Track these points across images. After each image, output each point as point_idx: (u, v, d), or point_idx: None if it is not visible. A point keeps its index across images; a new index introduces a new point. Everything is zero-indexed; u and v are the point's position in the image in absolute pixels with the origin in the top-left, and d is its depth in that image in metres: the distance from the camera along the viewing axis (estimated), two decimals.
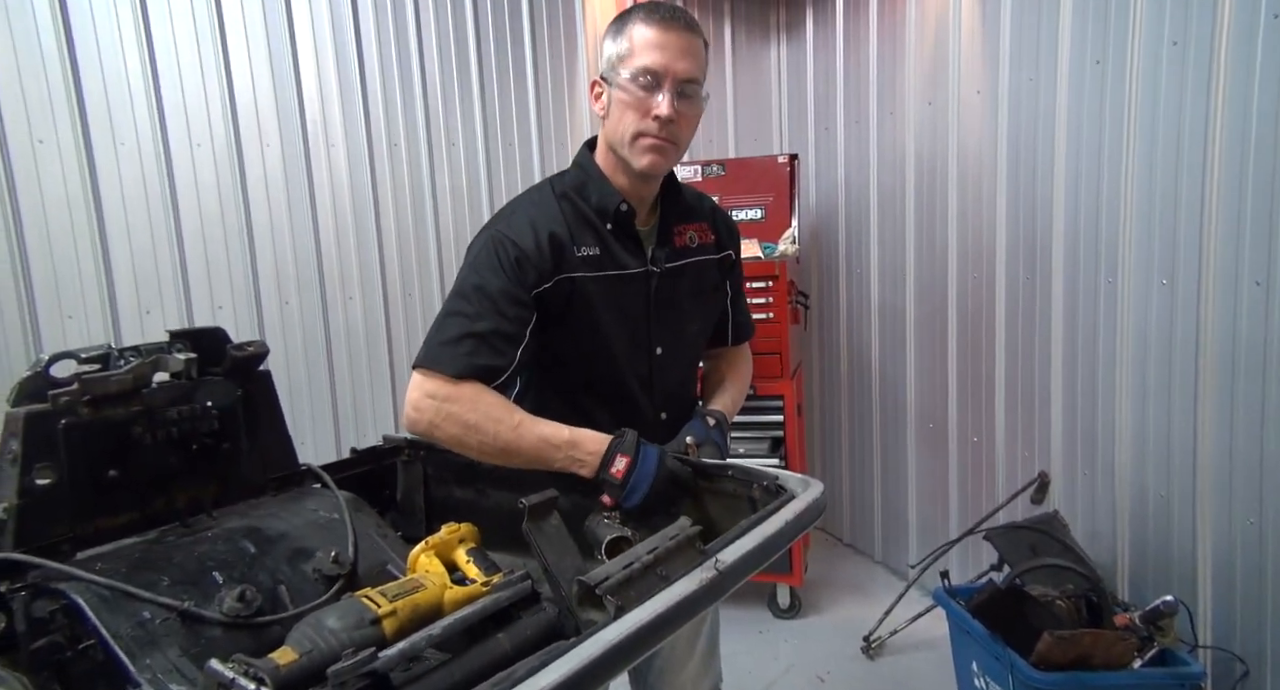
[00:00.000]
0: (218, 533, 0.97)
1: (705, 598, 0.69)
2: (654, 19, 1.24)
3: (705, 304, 1.45)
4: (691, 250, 1.40)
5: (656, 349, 1.36)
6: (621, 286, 1.31)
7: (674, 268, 1.36)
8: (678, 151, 1.30)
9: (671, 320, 1.37)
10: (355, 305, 2.91)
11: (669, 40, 1.23)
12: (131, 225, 2.51)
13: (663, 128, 1.25)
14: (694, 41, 1.26)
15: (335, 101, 2.79)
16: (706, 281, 1.43)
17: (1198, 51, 1.83)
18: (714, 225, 1.45)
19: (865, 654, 2.61)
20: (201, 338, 1.05)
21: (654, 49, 1.23)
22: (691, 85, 1.26)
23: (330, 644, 0.79)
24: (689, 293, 1.39)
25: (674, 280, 1.36)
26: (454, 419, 1.15)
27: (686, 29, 1.25)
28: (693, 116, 1.29)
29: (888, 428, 3.19)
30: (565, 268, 1.26)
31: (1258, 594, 1.82)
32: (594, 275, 1.28)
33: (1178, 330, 1.96)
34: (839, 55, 3.21)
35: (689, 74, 1.25)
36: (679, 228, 1.39)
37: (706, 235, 1.43)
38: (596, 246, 1.29)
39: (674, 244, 1.37)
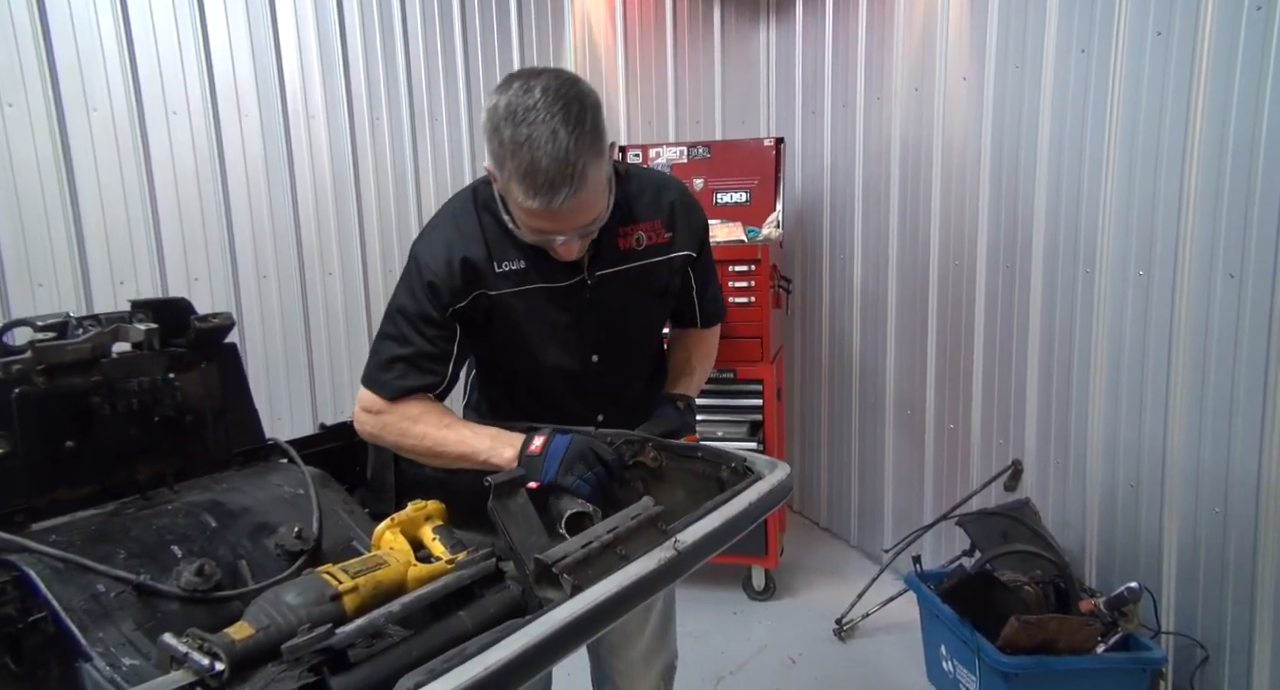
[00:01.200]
0: (178, 506, 0.96)
1: (664, 577, 0.69)
2: (535, 195, 1.06)
3: (650, 307, 1.38)
4: (637, 253, 1.31)
5: (592, 357, 1.32)
6: (549, 298, 1.27)
7: (611, 274, 1.29)
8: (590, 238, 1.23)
9: (609, 327, 1.32)
10: (334, 281, 2.88)
11: (560, 213, 1.09)
12: (105, 194, 2.46)
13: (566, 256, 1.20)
14: (587, 194, 1.09)
15: (316, 72, 2.74)
16: (653, 284, 1.35)
17: (1181, 42, 1.83)
18: (670, 222, 1.34)
19: (837, 636, 2.64)
20: (164, 308, 1.03)
21: (544, 219, 1.11)
22: (595, 224, 1.16)
23: (288, 620, 0.78)
24: (631, 297, 1.32)
25: (613, 286, 1.30)
26: (389, 430, 1.24)
27: (575, 193, 1.06)
28: (597, 226, 1.18)
29: (866, 413, 3.20)
30: (481, 285, 1.24)
31: (1219, 582, 1.85)
32: (515, 290, 1.25)
33: (1152, 322, 1.97)
34: (828, 39, 3.19)
35: (588, 224, 1.14)
36: (623, 230, 1.29)
37: (659, 235, 1.33)
38: (520, 260, 1.25)
39: (617, 247, 1.29)
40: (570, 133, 1.03)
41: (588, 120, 1.06)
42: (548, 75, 1.08)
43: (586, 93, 1.09)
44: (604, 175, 1.12)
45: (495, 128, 1.06)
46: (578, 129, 1.04)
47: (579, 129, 1.04)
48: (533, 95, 1.05)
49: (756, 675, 2.48)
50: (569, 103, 1.05)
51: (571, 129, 1.04)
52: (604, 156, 1.10)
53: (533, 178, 1.05)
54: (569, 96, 1.06)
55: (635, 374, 1.43)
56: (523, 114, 1.04)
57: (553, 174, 1.04)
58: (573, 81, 1.09)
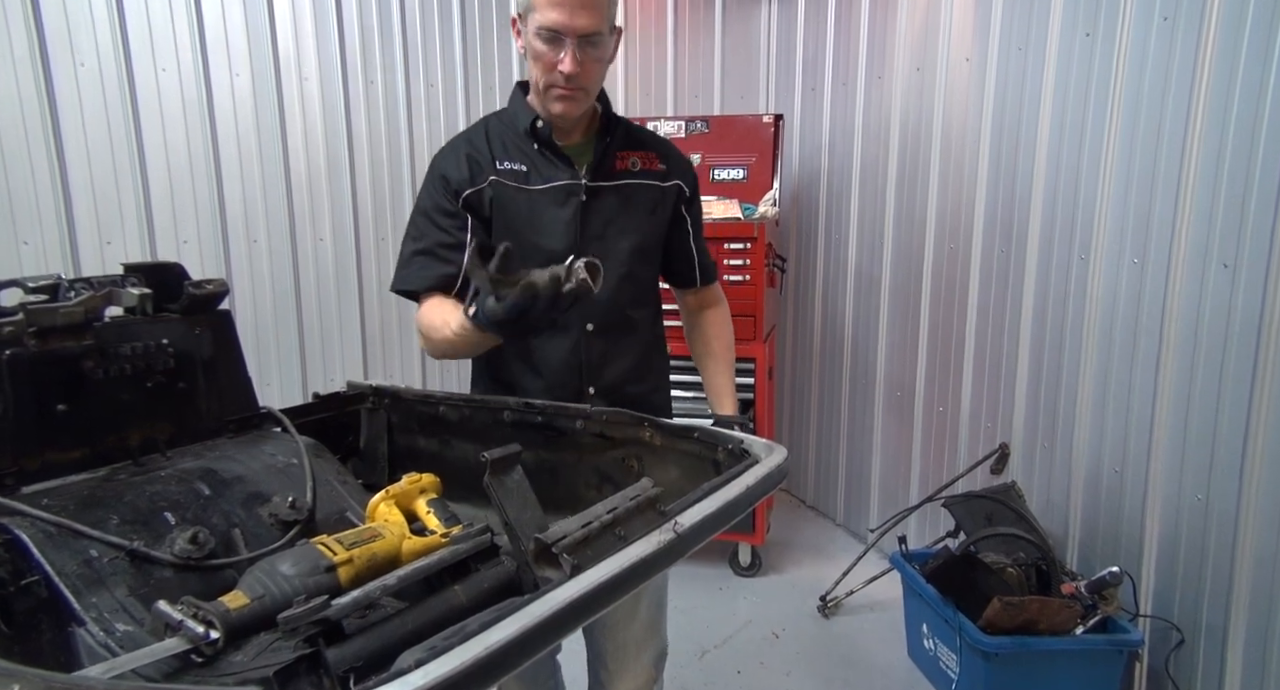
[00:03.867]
0: (171, 473, 0.95)
1: (662, 559, 0.69)
2: None
3: (642, 224, 1.47)
4: (631, 173, 1.46)
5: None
6: (548, 198, 1.40)
7: (606, 185, 1.43)
8: (587, 96, 1.38)
9: (601, 233, 1.43)
10: (326, 246, 2.85)
11: (569, 2, 1.26)
12: (92, 152, 2.42)
13: (568, 80, 1.32)
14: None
15: (309, 33, 2.68)
16: (645, 201, 1.47)
17: (1187, 28, 1.82)
18: (664, 158, 1.50)
19: (821, 613, 2.68)
20: (158, 273, 1.01)
21: (552, 8, 1.27)
22: (594, 37, 1.30)
23: (283, 590, 0.78)
24: (623, 211, 1.44)
25: (607, 197, 1.43)
26: (423, 334, 1.38)
27: None
28: (599, 64, 1.35)
29: (856, 393, 3.22)
30: (485, 176, 1.39)
31: (1198, 567, 1.88)
32: (515, 185, 1.40)
33: (1144, 310, 1.98)
34: (830, 15, 3.15)
35: (589, 28, 1.29)
36: (621, 153, 1.46)
37: (653, 163, 1.48)
38: (522, 164, 1.41)
39: (614, 167, 1.44)
40: None
41: None
42: None
43: None
44: (609, 6, 1.31)
45: None
46: None
47: None
48: None
49: (740, 649, 2.52)
50: None
51: None
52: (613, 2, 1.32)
53: None
54: None
55: (622, 292, 1.45)
56: None
57: None
58: None
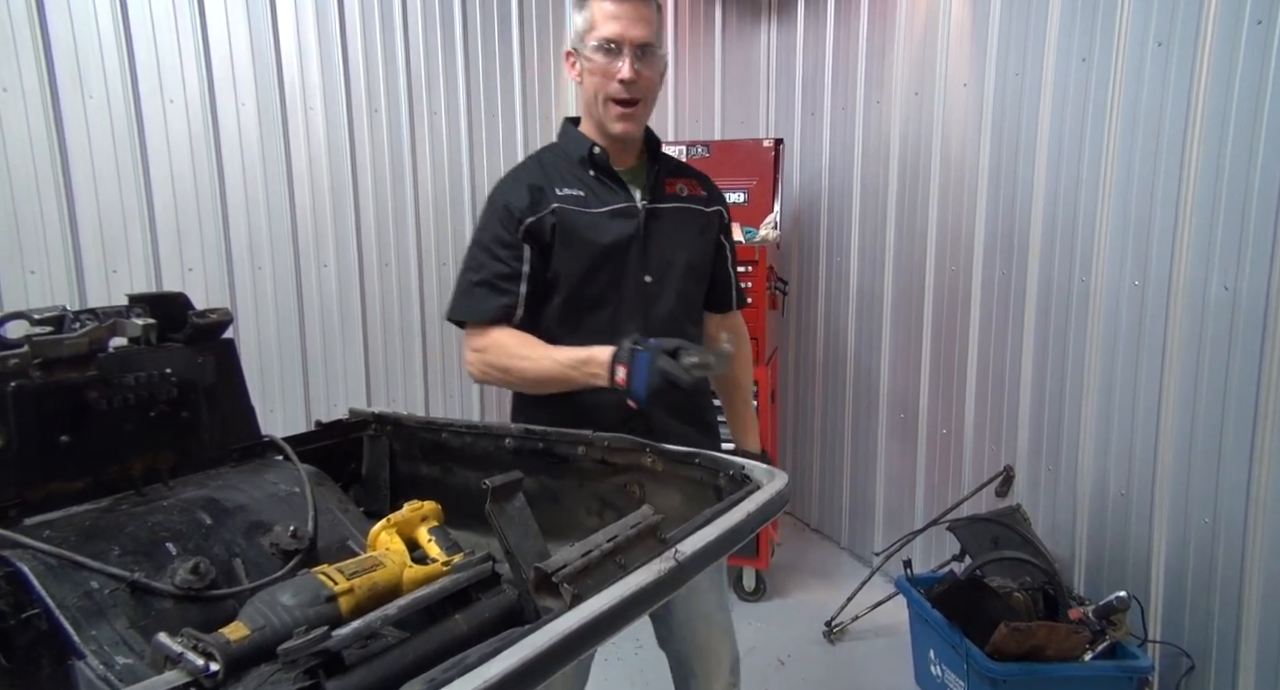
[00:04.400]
0: (173, 503, 0.95)
1: (663, 588, 0.69)
2: None
3: (694, 244, 1.56)
4: (681, 198, 1.56)
5: (645, 277, 1.48)
6: (608, 220, 1.47)
7: (662, 207, 1.52)
8: (645, 109, 1.47)
9: (661, 252, 1.50)
10: (330, 273, 2.86)
11: (623, 10, 1.39)
12: (99, 181, 2.44)
13: (627, 89, 1.42)
14: (646, 8, 1.41)
15: (315, 63, 2.72)
16: (694, 224, 1.56)
17: (1181, 54, 1.84)
18: (703, 184, 1.61)
19: (826, 638, 2.65)
20: (162, 303, 1.02)
21: (611, 20, 1.39)
22: (648, 47, 1.42)
23: (284, 620, 0.78)
24: (678, 231, 1.53)
25: (663, 218, 1.51)
26: (493, 366, 1.44)
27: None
28: (653, 75, 1.45)
29: (859, 416, 3.21)
30: (546, 204, 1.45)
31: (1207, 592, 1.86)
32: (576, 209, 1.46)
33: (1146, 332, 1.98)
34: (829, 41, 3.19)
35: (644, 38, 1.40)
36: (669, 179, 1.56)
37: (696, 190, 1.59)
38: (580, 190, 1.47)
39: (664, 191, 1.54)
40: None
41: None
42: None
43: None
44: (660, 26, 1.44)
45: None
46: None
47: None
48: None
49: (745, 676, 2.46)
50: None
51: None
52: (661, 15, 1.45)
53: None
54: None
55: (680, 308, 1.53)
56: None
57: None
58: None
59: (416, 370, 3.05)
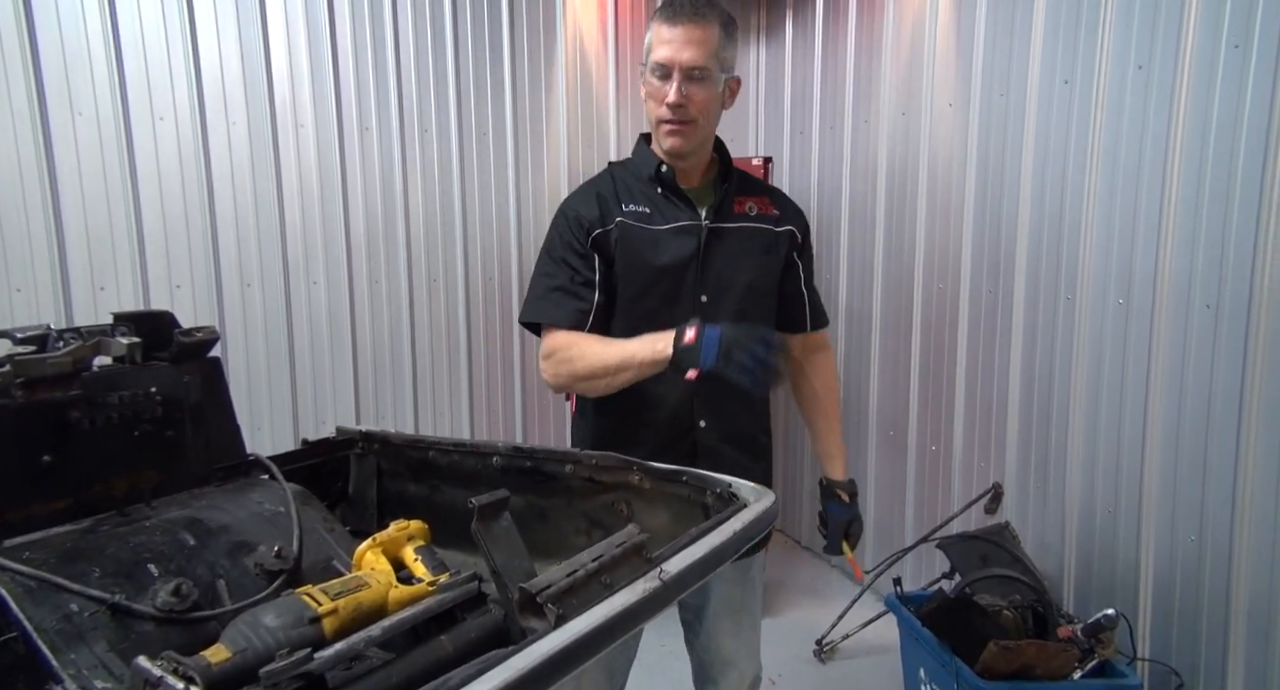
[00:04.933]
0: (155, 523, 0.94)
1: (649, 607, 0.68)
2: (665, 14, 1.42)
3: (757, 264, 1.54)
4: (749, 217, 1.54)
5: (701, 297, 1.48)
6: (670, 238, 1.48)
7: (725, 226, 1.51)
8: (697, 130, 1.46)
9: (719, 272, 1.49)
10: (319, 291, 2.86)
11: (675, 34, 1.40)
12: (87, 198, 2.44)
13: (674, 112, 1.42)
14: (700, 30, 1.39)
15: (306, 81, 2.73)
16: (761, 242, 1.55)
17: (1161, 76, 1.87)
18: (777, 202, 1.59)
19: (817, 657, 2.63)
20: (148, 321, 1.02)
21: (664, 44, 1.41)
22: (700, 71, 1.41)
23: (266, 642, 0.77)
24: (741, 251, 1.52)
25: (726, 237, 1.51)
26: (566, 370, 1.44)
27: (692, 20, 1.39)
28: (705, 97, 1.43)
29: (849, 433, 3.21)
30: (613, 217, 1.49)
31: (1194, 609, 1.87)
32: (639, 225, 1.49)
33: (1130, 349, 2.00)
34: (817, 61, 3.23)
35: (693, 62, 1.40)
36: (739, 198, 1.55)
37: (768, 208, 1.57)
38: (646, 206, 1.50)
39: (733, 210, 1.53)
40: (715, 4, 1.43)
41: (726, 13, 1.44)
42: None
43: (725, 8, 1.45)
44: (723, 49, 1.42)
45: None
46: (720, 7, 1.43)
47: (721, 8, 1.43)
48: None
49: None
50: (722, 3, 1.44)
51: (716, 4, 1.43)
52: (728, 37, 1.43)
53: (669, 6, 1.41)
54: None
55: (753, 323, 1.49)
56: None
57: (685, 2, 1.40)
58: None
59: (406, 388, 3.04)
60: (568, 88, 3.24)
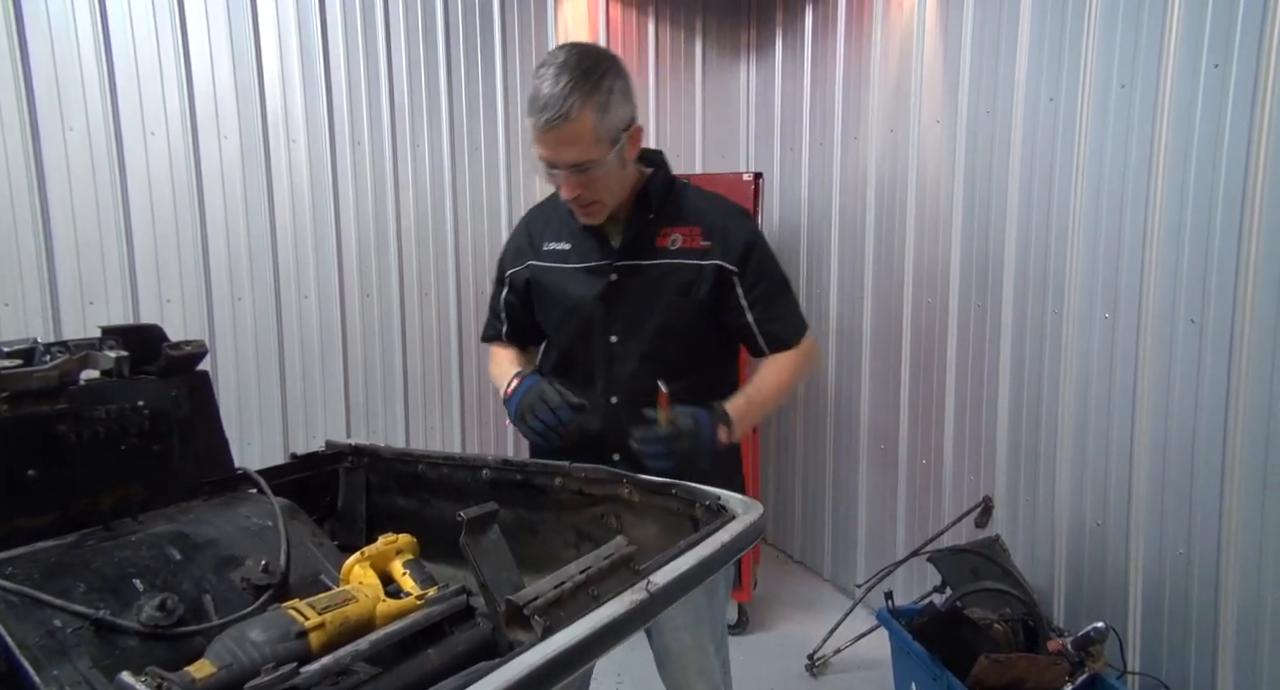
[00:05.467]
0: (142, 538, 0.94)
1: (636, 619, 0.68)
2: (532, 116, 1.32)
3: (670, 305, 1.46)
4: (669, 252, 1.46)
5: (611, 337, 1.47)
6: (580, 277, 1.47)
7: (640, 264, 1.45)
8: (605, 206, 1.42)
9: (629, 313, 1.46)
10: (310, 304, 2.85)
11: (548, 138, 1.31)
12: (77, 212, 2.43)
13: (575, 200, 1.39)
14: (571, 129, 1.29)
15: (298, 95, 2.74)
16: (677, 281, 1.46)
17: (1143, 95, 1.90)
18: (710, 233, 1.46)
19: (809, 671, 2.62)
20: (136, 335, 1.02)
21: (540, 144, 1.34)
22: (581, 165, 1.33)
23: (252, 657, 0.77)
24: (652, 290, 1.46)
25: (640, 276, 1.46)
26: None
27: (560, 122, 1.28)
28: (600, 178, 1.36)
29: (840, 446, 3.22)
30: (527, 258, 1.54)
31: (1183, 622, 1.87)
32: (552, 266, 1.50)
33: (1117, 364, 2.01)
34: (806, 78, 3.26)
35: (574, 161, 1.33)
36: (665, 229, 1.46)
37: (695, 240, 1.46)
38: (567, 242, 1.49)
39: (654, 244, 1.46)
40: (575, 80, 1.27)
41: (599, 79, 1.30)
42: (584, 45, 1.36)
43: (606, 58, 1.34)
44: (603, 127, 1.31)
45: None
46: (579, 77, 1.28)
47: (581, 77, 1.28)
48: (558, 52, 1.32)
49: None
50: (584, 59, 1.30)
51: (573, 76, 1.28)
52: (605, 111, 1.31)
53: (532, 103, 1.31)
54: (587, 55, 1.31)
55: (650, 368, 1.44)
56: (544, 62, 1.32)
57: (545, 100, 1.28)
58: (599, 51, 1.35)
59: (397, 402, 3.03)
60: None
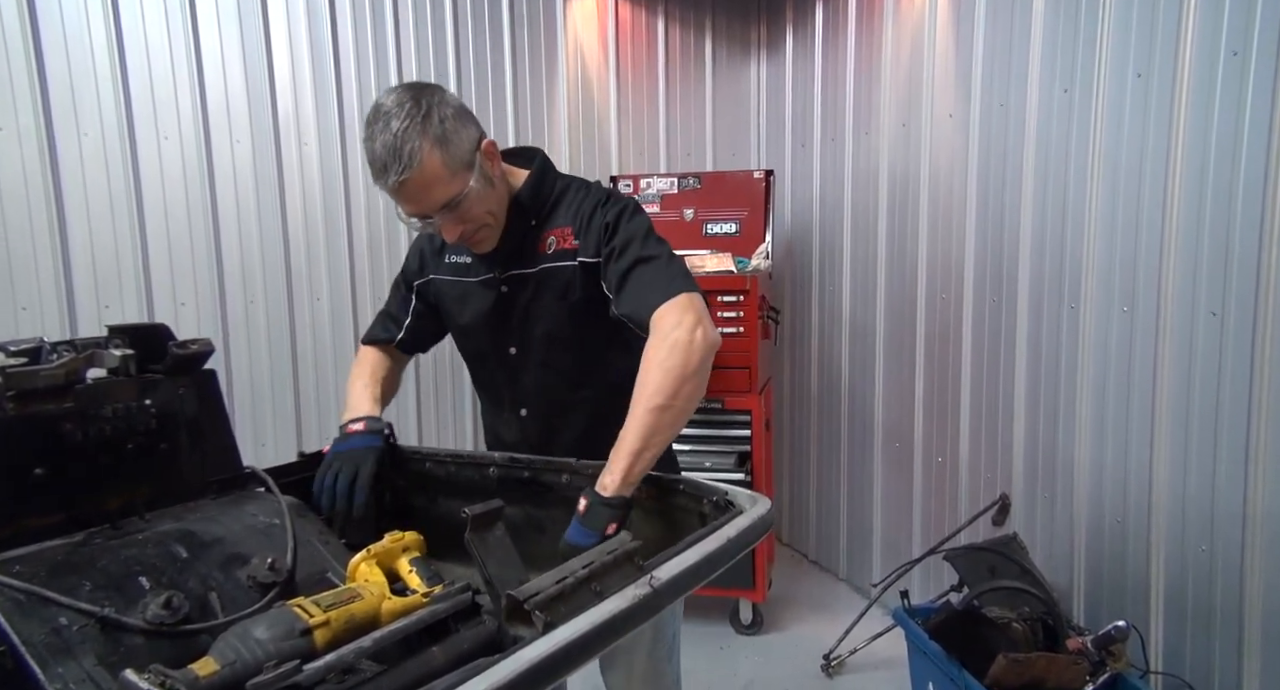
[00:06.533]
0: (148, 536, 0.94)
1: (638, 614, 0.67)
2: (380, 180, 1.22)
3: (551, 311, 1.40)
4: (546, 256, 1.38)
5: (510, 349, 1.44)
6: (476, 291, 1.45)
7: (524, 272, 1.39)
8: (491, 230, 1.35)
9: (520, 323, 1.43)
10: (323, 306, 2.87)
11: (405, 193, 1.22)
12: (93, 217, 2.46)
13: (461, 238, 1.32)
14: (422, 175, 1.20)
15: (309, 98, 2.76)
16: (553, 287, 1.38)
17: (1160, 84, 1.87)
18: (579, 230, 1.37)
19: (825, 672, 2.60)
20: (142, 334, 1.02)
21: (402, 202, 1.25)
22: (449, 205, 1.25)
23: (255, 655, 0.76)
24: (535, 298, 1.40)
25: (524, 284, 1.40)
26: None
27: (407, 173, 1.18)
28: (474, 207, 1.28)
29: (855, 445, 3.19)
30: (431, 271, 1.51)
31: (1207, 621, 1.84)
32: (453, 279, 1.48)
33: (1136, 358, 1.98)
34: (817, 74, 3.24)
35: (440, 202, 1.24)
36: (546, 233, 1.39)
37: (567, 240, 1.38)
38: (468, 256, 1.44)
39: (536, 250, 1.39)
40: (404, 122, 1.17)
41: (427, 112, 1.19)
42: (397, 88, 1.24)
43: (424, 91, 1.23)
44: (452, 159, 1.22)
45: None
46: (411, 119, 1.18)
47: (413, 119, 1.18)
48: (384, 99, 1.21)
49: None
50: (401, 101, 1.19)
51: (405, 119, 1.18)
52: (447, 142, 1.21)
53: (371, 164, 1.21)
54: (404, 95, 1.21)
55: (559, 377, 1.43)
56: (371, 114, 1.21)
57: (384, 157, 1.18)
58: (414, 87, 1.24)
59: (410, 402, 3.04)
60: (569, 102, 3.26)
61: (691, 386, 1.13)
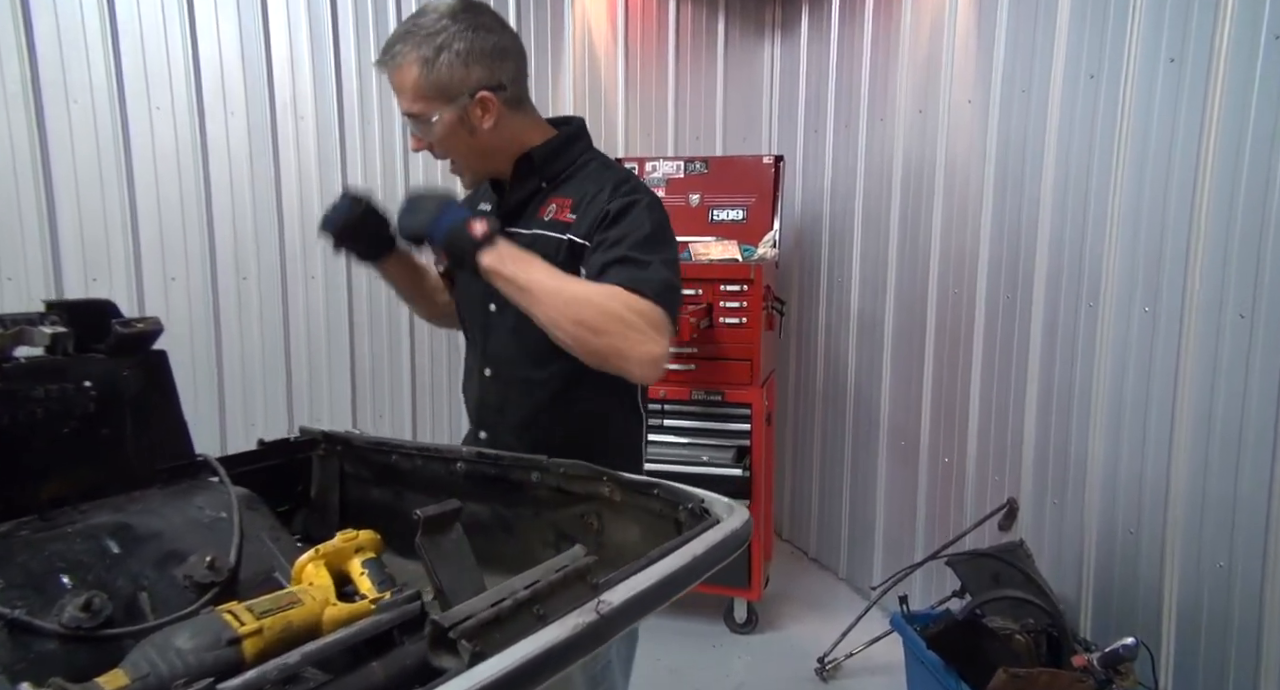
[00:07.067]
0: (78, 529, 0.87)
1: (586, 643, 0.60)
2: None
3: None
4: (543, 223, 1.37)
5: (490, 305, 1.41)
6: None
7: (513, 233, 1.36)
8: (465, 168, 1.40)
9: None
10: (317, 284, 2.81)
11: (387, 80, 1.32)
12: (81, 187, 2.40)
13: (423, 154, 1.39)
14: (397, 75, 1.29)
15: (306, 72, 2.68)
16: (543, 254, 1.30)
17: (1194, 71, 1.76)
18: (578, 206, 1.34)
19: (819, 675, 2.53)
20: (82, 310, 0.95)
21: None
22: (411, 116, 1.31)
23: (173, 667, 0.69)
24: None
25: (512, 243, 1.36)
26: None
27: (384, 65, 1.30)
28: (439, 137, 1.32)
29: (860, 442, 3.11)
30: None
31: (1222, 641, 1.75)
32: None
33: (1157, 361, 1.88)
34: (832, 57, 3.13)
35: (405, 110, 1.31)
36: (551, 199, 1.39)
37: (564, 213, 1.36)
38: (489, 204, 1.47)
39: (537, 213, 1.39)
40: (417, 28, 1.27)
41: (440, 33, 1.26)
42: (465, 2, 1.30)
43: (467, 15, 1.28)
44: (427, 83, 1.27)
45: None
46: (423, 30, 1.26)
47: (424, 31, 1.26)
48: (440, 2, 1.30)
49: None
50: (450, 16, 1.27)
51: (421, 27, 1.27)
52: (431, 67, 1.26)
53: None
54: (454, 12, 1.28)
55: (526, 349, 1.35)
56: (423, 7, 1.33)
57: (388, 42, 1.30)
58: (469, 10, 1.29)
59: (404, 386, 2.98)
60: (575, 82, 3.17)
61: (580, 335, 1.19)
